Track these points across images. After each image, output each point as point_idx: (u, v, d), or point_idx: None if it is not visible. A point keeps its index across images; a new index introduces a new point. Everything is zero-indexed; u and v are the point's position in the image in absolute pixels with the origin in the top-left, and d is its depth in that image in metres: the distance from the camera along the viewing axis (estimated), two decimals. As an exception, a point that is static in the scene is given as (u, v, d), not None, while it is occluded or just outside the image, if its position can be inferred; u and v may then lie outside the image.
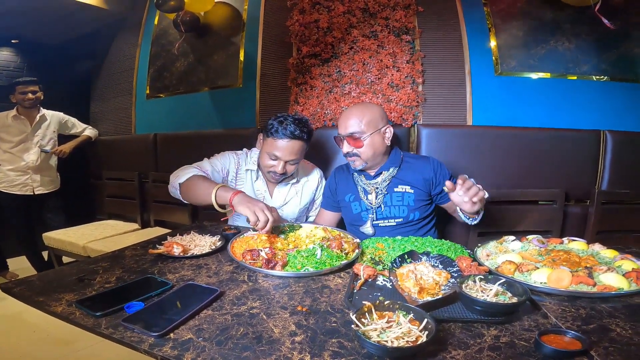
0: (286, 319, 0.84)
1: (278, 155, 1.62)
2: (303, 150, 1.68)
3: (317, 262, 1.13)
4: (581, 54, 2.27)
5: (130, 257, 1.23)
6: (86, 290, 0.97)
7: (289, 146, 1.61)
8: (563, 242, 1.30)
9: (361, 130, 1.57)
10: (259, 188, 1.80)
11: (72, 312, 0.87)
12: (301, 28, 2.56)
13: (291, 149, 1.62)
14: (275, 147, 1.62)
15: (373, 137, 1.59)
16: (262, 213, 1.26)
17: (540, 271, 1.02)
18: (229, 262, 1.20)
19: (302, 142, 1.64)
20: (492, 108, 2.34)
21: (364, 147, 1.58)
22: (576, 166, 2.20)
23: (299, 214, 1.86)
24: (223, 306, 0.90)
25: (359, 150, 1.59)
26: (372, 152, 1.60)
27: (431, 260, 1.14)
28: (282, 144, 1.61)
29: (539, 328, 0.79)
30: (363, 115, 1.59)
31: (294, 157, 1.64)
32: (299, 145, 1.63)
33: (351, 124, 1.59)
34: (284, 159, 1.63)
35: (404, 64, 2.35)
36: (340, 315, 0.86)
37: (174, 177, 1.62)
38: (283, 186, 1.82)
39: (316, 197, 1.92)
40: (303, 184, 1.86)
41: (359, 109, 1.63)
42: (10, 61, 3.94)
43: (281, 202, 1.81)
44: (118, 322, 0.81)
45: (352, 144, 1.59)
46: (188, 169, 1.61)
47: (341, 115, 1.67)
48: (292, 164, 1.67)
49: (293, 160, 1.65)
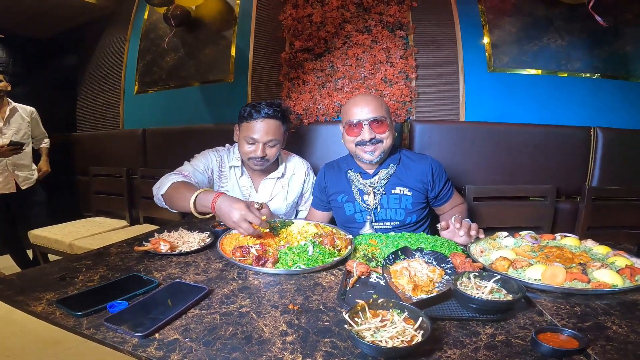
0: (277, 318, 0.81)
1: (255, 137, 1.58)
2: (280, 131, 1.64)
3: (309, 259, 1.10)
4: (573, 51, 2.28)
5: (115, 255, 1.18)
6: (68, 289, 0.93)
7: (264, 126, 1.58)
8: (556, 238, 1.29)
9: (384, 115, 1.49)
10: (244, 184, 1.76)
11: (53, 312, 0.83)
12: (294, 22, 2.52)
13: (267, 129, 1.58)
14: (251, 130, 1.59)
15: (391, 125, 1.54)
16: (244, 222, 1.20)
17: (535, 267, 1.00)
18: (218, 260, 1.16)
19: (277, 121, 1.61)
20: (484, 104, 2.34)
21: (386, 133, 1.50)
22: (567, 162, 2.22)
23: (287, 209, 1.82)
24: (211, 305, 0.86)
25: (382, 136, 1.50)
26: (391, 139, 1.53)
27: (425, 257, 1.12)
28: (257, 125, 1.58)
29: (534, 326, 0.78)
30: (381, 101, 1.54)
31: (271, 137, 1.60)
32: (274, 125, 1.60)
33: (373, 108, 1.49)
34: (261, 141, 1.59)
35: (397, 59, 2.34)
36: (333, 314, 0.84)
37: (156, 189, 1.54)
38: (268, 181, 1.77)
39: (304, 190, 1.87)
40: (289, 178, 1.82)
41: (373, 95, 1.57)
42: None
43: (267, 197, 1.77)
44: (100, 322, 0.77)
45: (375, 130, 1.49)
46: (168, 177, 1.54)
47: (355, 102, 1.54)
48: (272, 145, 1.62)
49: (271, 142, 1.61)
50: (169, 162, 1.80)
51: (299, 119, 2.44)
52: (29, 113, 3.07)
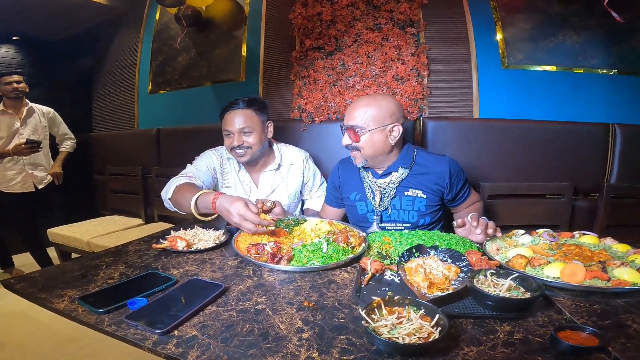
0: (293, 315, 0.82)
1: (229, 129, 1.68)
2: (254, 120, 1.70)
3: (324, 257, 1.11)
4: (590, 47, 2.23)
5: (134, 252, 1.21)
6: (89, 286, 0.95)
7: (235, 116, 1.68)
8: (574, 236, 1.27)
9: (362, 125, 1.44)
10: (243, 178, 1.81)
11: (75, 309, 0.85)
12: (304, 21, 2.52)
13: (237, 118, 1.67)
14: (225, 124, 1.71)
15: (373, 135, 1.45)
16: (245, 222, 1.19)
17: (553, 265, 0.99)
18: (233, 257, 1.18)
19: (248, 110, 1.69)
20: (498, 101, 2.31)
21: (362, 143, 1.46)
22: (584, 159, 2.17)
23: (289, 200, 1.84)
24: (228, 302, 0.88)
25: (358, 145, 1.48)
26: (372, 150, 1.47)
27: (440, 254, 1.11)
28: (228, 118, 1.70)
29: (553, 324, 0.77)
30: (368, 108, 1.45)
31: (243, 125, 1.67)
32: (246, 114, 1.68)
33: (354, 115, 1.46)
34: (234, 131, 1.67)
35: (409, 56, 2.32)
36: (348, 311, 0.84)
37: (164, 193, 1.59)
38: (267, 174, 1.81)
39: (306, 179, 1.89)
40: (288, 168, 1.85)
41: (366, 101, 1.48)
42: (11, 58, 3.90)
43: (268, 190, 1.81)
44: (121, 319, 0.79)
45: (351, 137, 1.49)
46: (173, 181, 1.58)
47: (349, 105, 1.56)
48: (246, 132, 1.68)
49: (245, 129, 1.68)
50: (182, 161, 1.83)
51: (310, 117, 2.44)
52: (46, 114, 3.12)
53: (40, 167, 3.04)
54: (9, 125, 2.87)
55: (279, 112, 2.63)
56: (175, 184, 1.55)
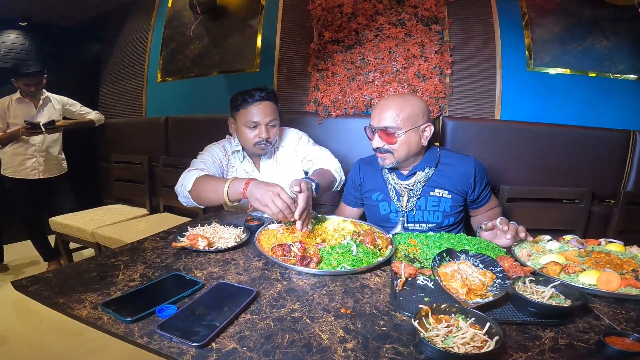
0: (332, 323, 0.77)
1: (257, 120, 1.62)
2: (276, 112, 1.68)
3: (354, 259, 1.05)
4: (618, 53, 2.18)
5: (151, 250, 1.14)
6: (109, 290, 0.89)
7: (263, 108, 1.62)
8: (600, 243, 1.25)
9: (397, 126, 1.39)
10: (246, 169, 1.77)
11: (99, 317, 0.78)
12: (324, 12, 2.45)
13: (265, 110, 1.62)
14: (251, 114, 1.62)
15: (409, 135, 1.40)
16: (272, 203, 1.19)
17: (588, 273, 0.99)
18: (257, 257, 1.12)
19: (272, 102, 1.66)
20: (521, 103, 2.25)
21: (397, 144, 1.41)
22: (603, 165, 2.14)
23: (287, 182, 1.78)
24: (262, 309, 0.82)
25: (391, 147, 1.42)
26: (405, 151, 1.43)
27: (471, 259, 1.07)
28: (255, 109, 1.62)
29: (594, 330, 0.77)
30: (402, 108, 1.40)
31: (271, 117, 1.64)
32: (271, 106, 1.65)
33: (387, 116, 1.40)
34: (263, 123, 1.62)
35: (432, 54, 2.25)
36: (388, 318, 0.80)
37: (180, 187, 1.55)
38: (267, 159, 1.78)
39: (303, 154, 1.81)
40: (282, 149, 1.82)
41: (398, 101, 1.43)
42: (18, 44, 3.82)
43: (271, 174, 1.78)
44: (152, 329, 0.72)
45: (384, 139, 1.42)
46: (188, 174, 1.54)
47: (377, 105, 1.47)
48: (273, 125, 1.66)
49: (272, 122, 1.65)
50: (190, 151, 1.77)
51: (326, 111, 2.37)
52: (62, 103, 3.09)
53: (51, 155, 2.99)
54: (26, 113, 2.85)
55: (294, 105, 2.57)
56: (193, 176, 1.50)
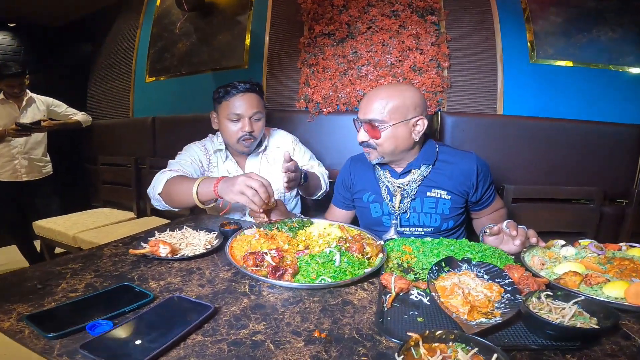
0: (300, 350, 0.63)
1: (240, 112, 1.54)
2: (261, 104, 1.59)
3: (336, 271, 0.91)
4: (625, 44, 2.05)
5: (108, 257, 1.01)
6: (44, 300, 0.76)
7: (246, 99, 1.54)
8: (621, 248, 1.09)
9: (382, 119, 1.26)
10: (229, 169, 1.67)
11: (21, 330, 0.66)
12: (314, 5, 2.33)
13: (249, 101, 1.54)
14: (233, 107, 1.54)
15: (396, 129, 1.27)
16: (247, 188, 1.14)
17: (613, 284, 0.83)
18: (226, 267, 0.98)
19: (256, 94, 1.58)
20: (524, 97, 2.12)
21: (381, 139, 1.28)
22: (613, 163, 2.00)
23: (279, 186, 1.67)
24: (217, 329, 0.68)
25: (375, 142, 1.30)
26: (391, 146, 1.30)
27: (475, 270, 0.92)
28: (238, 101, 1.54)
29: (624, 352, 0.64)
30: (389, 99, 1.27)
31: (255, 109, 1.55)
32: (255, 98, 1.57)
33: (373, 108, 1.27)
34: (246, 115, 1.54)
35: (428, 46, 2.12)
36: (371, 345, 0.65)
37: (152, 190, 1.45)
38: (253, 158, 1.69)
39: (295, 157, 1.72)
40: (275, 151, 1.73)
41: (387, 91, 1.29)
42: (6, 45, 3.82)
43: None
44: (75, 348, 0.60)
45: (369, 133, 1.30)
46: (160, 176, 1.45)
47: (365, 96, 1.34)
48: (257, 119, 1.58)
49: (256, 114, 1.56)
50: (178, 152, 1.67)
51: (317, 108, 2.25)
52: (47, 104, 3.01)
53: (34, 158, 2.89)
54: (9, 114, 2.78)
55: (283, 102, 2.45)
56: (164, 178, 1.39)
